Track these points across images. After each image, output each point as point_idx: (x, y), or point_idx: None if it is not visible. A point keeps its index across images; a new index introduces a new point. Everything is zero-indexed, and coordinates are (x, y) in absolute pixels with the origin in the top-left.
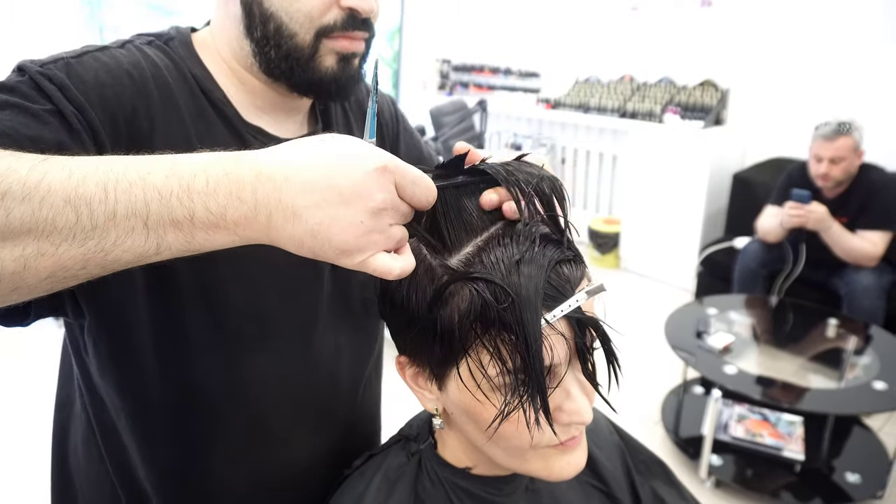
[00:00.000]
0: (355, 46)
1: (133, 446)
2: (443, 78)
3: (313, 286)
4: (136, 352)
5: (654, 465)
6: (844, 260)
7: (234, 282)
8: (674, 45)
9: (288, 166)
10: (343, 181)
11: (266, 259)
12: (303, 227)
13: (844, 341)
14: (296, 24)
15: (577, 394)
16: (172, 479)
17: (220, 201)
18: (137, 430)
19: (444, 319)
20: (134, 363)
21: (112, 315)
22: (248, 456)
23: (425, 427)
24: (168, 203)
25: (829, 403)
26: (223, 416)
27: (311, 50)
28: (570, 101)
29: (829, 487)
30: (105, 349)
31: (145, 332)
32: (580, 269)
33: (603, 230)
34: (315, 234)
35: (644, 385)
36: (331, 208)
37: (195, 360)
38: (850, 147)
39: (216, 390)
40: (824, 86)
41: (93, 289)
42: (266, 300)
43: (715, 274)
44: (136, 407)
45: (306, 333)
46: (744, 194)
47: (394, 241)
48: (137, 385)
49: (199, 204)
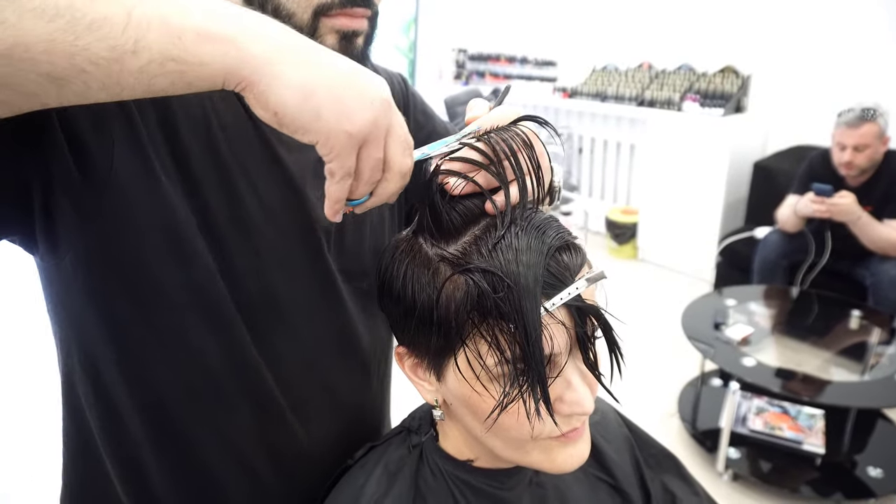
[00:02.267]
0: (356, 24)
1: (139, 434)
2: (459, 67)
3: (316, 265)
4: (140, 332)
5: (664, 459)
6: (871, 250)
7: (241, 258)
8: (693, 31)
9: (312, 48)
10: (355, 86)
11: (270, 236)
12: (301, 85)
13: (868, 333)
14: (293, 4)
15: (578, 384)
16: (179, 465)
17: (222, 21)
18: (144, 414)
19: (441, 309)
20: (138, 343)
21: (120, 269)
22: (257, 441)
23: (427, 419)
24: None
25: (851, 396)
26: (230, 399)
27: (310, 29)
28: (587, 90)
29: (851, 482)
30: (107, 332)
31: (149, 310)
32: (580, 256)
33: (620, 220)
34: (307, 97)
35: (661, 377)
36: (335, 90)
37: (200, 340)
38: (875, 134)
39: (222, 373)
40: (848, 71)
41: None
42: (271, 278)
43: (734, 265)
44: (142, 391)
45: (313, 314)
46: (765, 183)
47: (345, 170)
48: (142, 368)
49: (198, 10)
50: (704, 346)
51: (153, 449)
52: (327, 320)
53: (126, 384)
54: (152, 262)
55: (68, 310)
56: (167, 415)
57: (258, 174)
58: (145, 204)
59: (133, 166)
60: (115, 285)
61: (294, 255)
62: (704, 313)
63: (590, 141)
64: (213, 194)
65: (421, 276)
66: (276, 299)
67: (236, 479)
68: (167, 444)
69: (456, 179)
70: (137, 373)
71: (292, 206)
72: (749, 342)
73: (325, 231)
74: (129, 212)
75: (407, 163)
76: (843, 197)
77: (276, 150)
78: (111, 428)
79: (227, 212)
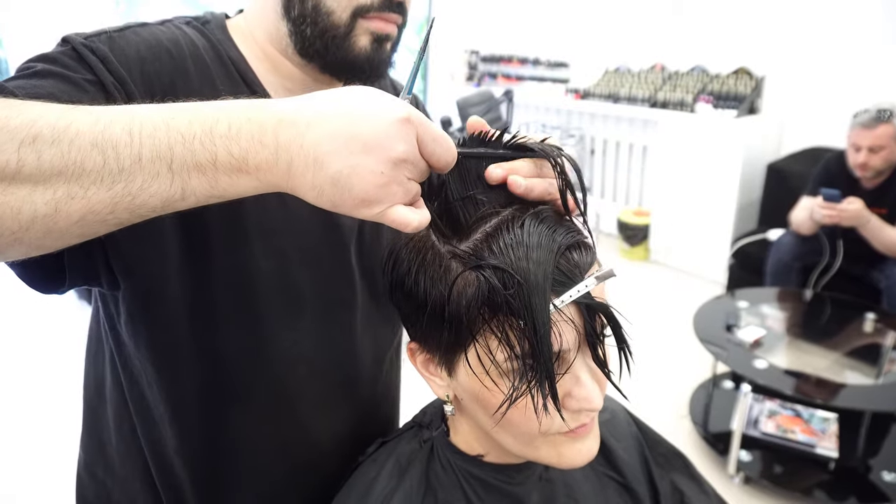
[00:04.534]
0: (389, 28)
1: (165, 420)
2: (471, 69)
3: (341, 264)
4: (169, 324)
5: (673, 458)
6: (884, 254)
7: (264, 257)
8: (707, 32)
9: (311, 113)
10: (366, 129)
11: (296, 235)
12: (324, 175)
13: (883, 336)
14: (333, 2)
15: (586, 380)
16: (202, 454)
17: (243, 145)
18: (170, 402)
19: (452, 305)
20: (167, 335)
21: (146, 287)
22: (275, 433)
23: (438, 414)
24: (191, 147)
25: (865, 400)
26: (251, 391)
27: (347, 28)
28: (600, 91)
29: (865, 486)
30: (139, 317)
31: (179, 304)
32: (590, 254)
33: (632, 222)
34: (335, 182)
35: (672, 379)
36: (353, 156)
37: (225, 334)
38: (891, 135)
39: (245, 365)
40: (863, 72)
41: (127, 260)
42: (295, 276)
43: (747, 267)
44: (169, 378)
45: (332, 310)
46: (778, 185)
47: (410, 195)
48: (170, 357)
49: (222, 148)
50: (716, 348)
51: (175, 436)
52: (344, 316)
53: (157, 375)
54: (179, 270)
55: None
56: (190, 404)
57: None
58: (174, 223)
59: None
60: (150, 287)
61: (318, 253)
62: (716, 315)
63: (602, 142)
64: (238, 200)
65: (433, 272)
66: (299, 296)
67: (252, 469)
68: (188, 432)
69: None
70: (168, 364)
71: (316, 208)
72: (761, 344)
73: (349, 230)
74: (161, 231)
75: (448, 156)
76: (851, 203)
77: None
78: (142, 413)
79: (254, 215)
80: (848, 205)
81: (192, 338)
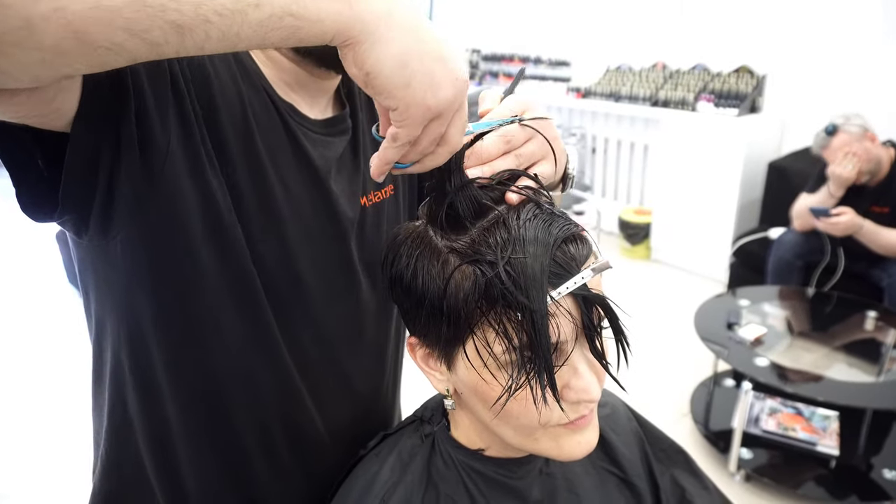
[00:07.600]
0: None
1: (167, 400)
2: (472, 68)
3: (340, 256)
4: (178, 301)
5: (674, 454)
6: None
7: (270, 246)
8: (708, 31)
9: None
10: (439, 66)
11: (299, 229)
12: (398, 48)
13: (884, 334)
14: None
15: (585, 371)
16: (203, 440)
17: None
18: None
19: (450, 299)
20: (175, 311)
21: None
22: (276, 421)
23: (439, 409)
24: None
25: (866, 398)
26: (253, 378)
27: None
28: (601, 90)
29: (866, 484)
30: (139, 288)
31: (179, 287)
32: (586, 247)
33: (634, 221)
34: (404, 65)
35: (673, 377)
36: (432, 63)
37: (223, 325)
38: (847, 141)
39: (248, 352)
40: (863, 71)
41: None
42: (297, 262)
43: (748, 265)
44: (176, 364)
45: (333, 302)
46: (780, 183)
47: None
48: (180, 340)
49: None
50: (717, 346)
51: (181, 425)
52: (345, 309)
53: (162, 361)
54: (196, 248)
55: (113, 287)
56: (195, 393)
57: (286, 166)
58: (193, 190)
59: (185, 149)
60: (159, 265)
61: (319, 245)
62: (717, 314)
63: (603, 141)
64: (246, 181)
65: (431, 266)
66: (301, 286)
67: (256, 459)
68: (193, 422)
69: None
70: (173, 350)
71: (317, 199)
72: (762, 342)
73: (350, 223)
74: (178, 198)
75: (460, 142)
76: (841, 213)
77: (302, 144)
78: (146, 401)
79: (256, 200)
80: (838, 218)
81: (189, 327)
